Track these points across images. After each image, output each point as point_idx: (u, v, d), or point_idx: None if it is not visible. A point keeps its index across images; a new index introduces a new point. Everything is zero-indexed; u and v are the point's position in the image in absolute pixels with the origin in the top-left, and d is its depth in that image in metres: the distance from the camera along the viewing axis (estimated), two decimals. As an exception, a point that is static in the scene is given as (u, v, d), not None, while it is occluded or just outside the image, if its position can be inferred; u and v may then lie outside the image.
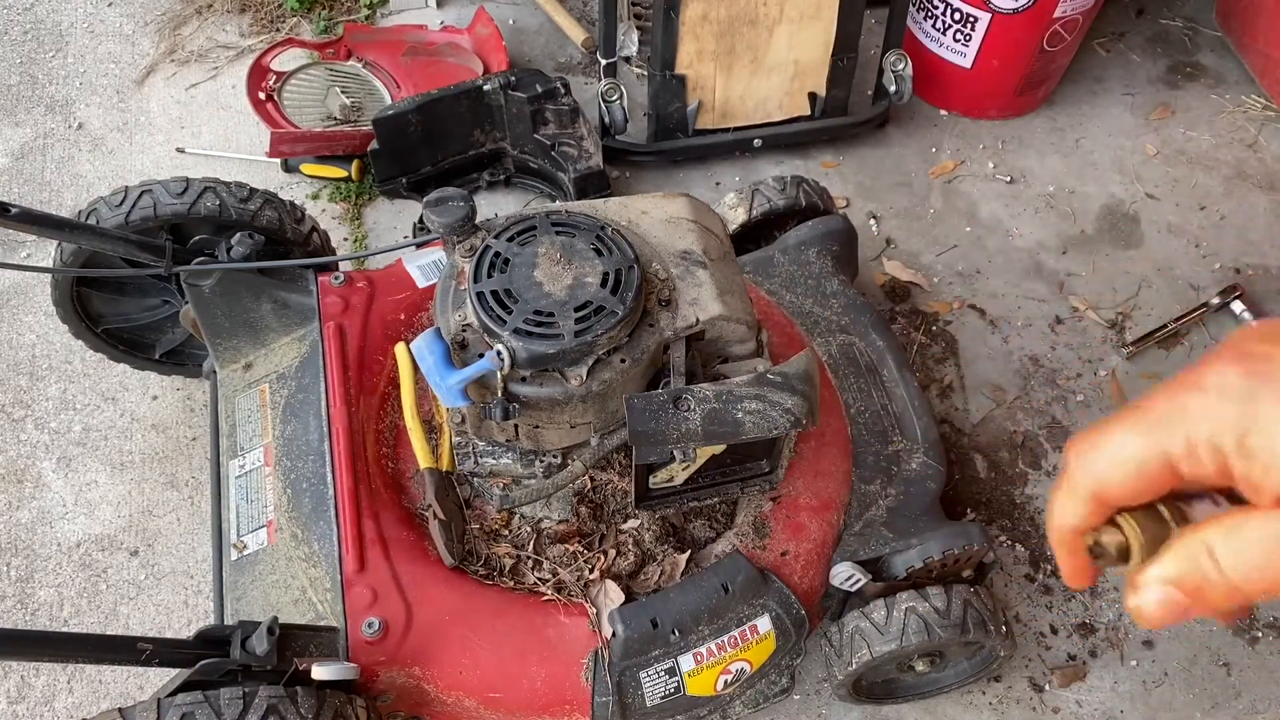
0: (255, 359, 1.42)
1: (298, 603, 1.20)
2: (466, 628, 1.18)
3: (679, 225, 1.22)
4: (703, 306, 1.13)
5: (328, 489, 1.25)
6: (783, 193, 1.71)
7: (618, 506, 1.30)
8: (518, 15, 2.50)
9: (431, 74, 2.24)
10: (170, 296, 1.60)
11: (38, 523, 1.66)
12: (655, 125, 2.12)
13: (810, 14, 2.01)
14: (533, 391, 1.08)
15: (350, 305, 1.41)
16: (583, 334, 1.05)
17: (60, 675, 1.51)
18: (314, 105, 2.18)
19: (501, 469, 1.26)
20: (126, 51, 2.39)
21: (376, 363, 1.38)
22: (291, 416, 1.33)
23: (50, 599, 1.58)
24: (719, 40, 2.01)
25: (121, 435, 1.75)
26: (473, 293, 1.09)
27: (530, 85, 1.94)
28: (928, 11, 2.18)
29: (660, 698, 1.21)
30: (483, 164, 2.10)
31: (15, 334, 1.88)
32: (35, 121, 2.24)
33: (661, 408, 1.04)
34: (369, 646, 1.14)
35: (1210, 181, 2.24)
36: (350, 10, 2.48)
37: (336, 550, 1.20)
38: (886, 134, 2.30)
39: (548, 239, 1.13)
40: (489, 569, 1.24)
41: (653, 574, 1.26)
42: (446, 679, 1.17)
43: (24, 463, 1.72)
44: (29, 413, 1.78)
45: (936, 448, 1.47)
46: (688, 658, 1.21)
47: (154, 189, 1.39)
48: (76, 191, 2.11)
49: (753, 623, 1.24)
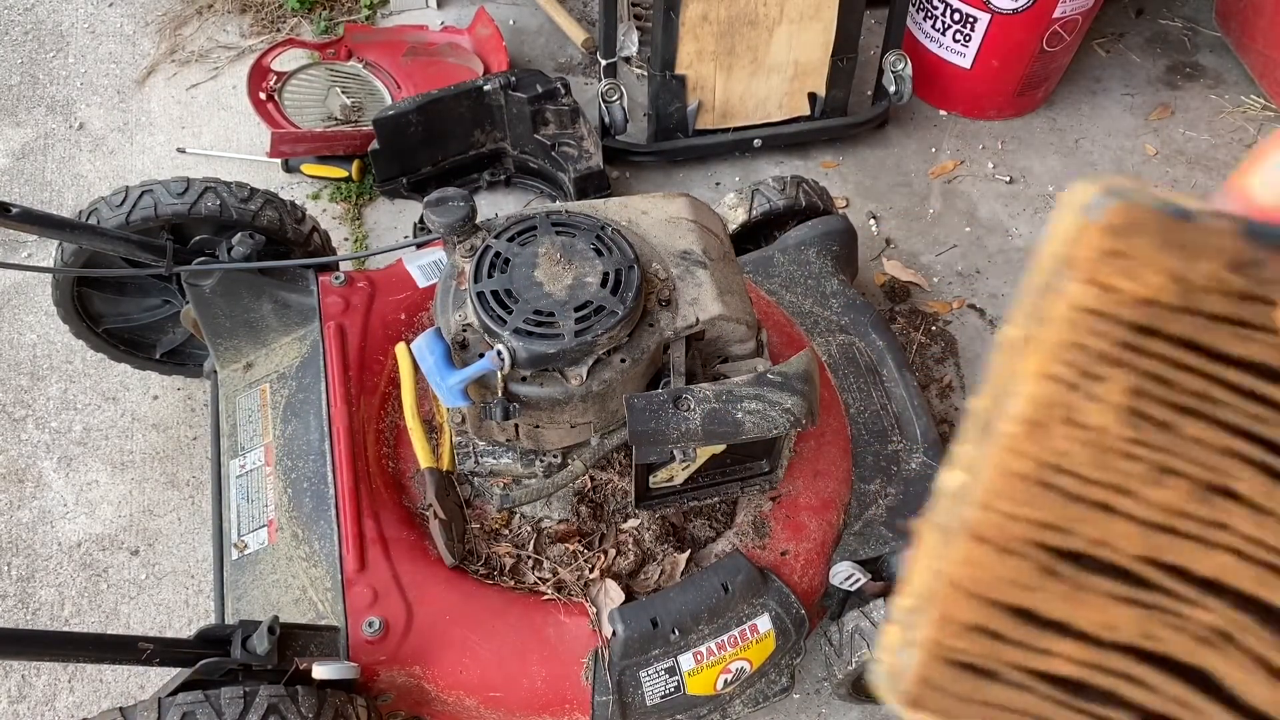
0: (256, 359, 1.42)
1: (298, 602, 1.20)
2: (467, 627, 1.18)
3: (679, 225, 1.22)
4: (703, 306, 1.13)
5: (328, 489, 1.25)
6: (783, 193, 1.72)
7: (618, 506, 1.30)
8: (518, 15, 2.50)
9: (432, 74, 2.24)
10: (171, 296, 1.60)
11: (39, 522, 1.66)
12: (655, 125, 2.12)
13: (810, 14, 2.01)
14: (533, 391, 1.08)
15: (351, 305, 1.41)
16: (583, 334, 1.05)
17: (61, 675, 1.51)
18: (314, 105, 2.18)
19: (502, 469, 1.26)
20: (127, 51, 2.39)
21: (377, 362, 1.39)
22: (292, 416, 1.34)
23: (51, 598, 1.58)
24: (719, 40, 2.01)
25: (122, 435, 1.75)
26: (473, 293, 1.09)
27: (530, 85, 1.94)
28: (927, 12, 2.18)
29: (660, 697, 1.21)
30: (483, 164, 2.10)
31: (16, 334, 1.88)
32: (36, 121, 2.24)
33: (661, 408, 1.05)
34: (369, 646, 1.14)
35: (1210, 182, 2.24)
36: (351, 10, 2.48)
37: (337, 550, 1.20)
38: (886, 134, 2.30)
39: (548, 239, 1.13)
40: (489, 568, 1.24)
41: (653, 573, 1.26)
42: (447, 678, 1.17)
43: (25, 462, 1.72)
44: (30, 412, 1.78)
45: (936, 448, 1.47)
46: (688, 657, 1.21)
47: (155, 189, 1.39)
48: (77, 191, 2.11)
49: (752, 622, 1.24)
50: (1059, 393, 0.25)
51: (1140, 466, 0.24)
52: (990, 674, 0.26)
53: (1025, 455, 0.25)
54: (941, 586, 0.26)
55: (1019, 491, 0.25)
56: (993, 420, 0.26)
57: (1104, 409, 0.24)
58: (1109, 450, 0.24)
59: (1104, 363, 0.24)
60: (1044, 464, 0.25)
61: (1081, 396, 0.24)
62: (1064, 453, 0.24)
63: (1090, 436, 0.24)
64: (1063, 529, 0.25)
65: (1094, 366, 0.25)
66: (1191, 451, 0.24)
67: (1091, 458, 0.24)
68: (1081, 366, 0.25)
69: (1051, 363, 0.25)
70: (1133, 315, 0.25)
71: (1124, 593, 0.25)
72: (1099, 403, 0.24)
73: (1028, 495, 0.25)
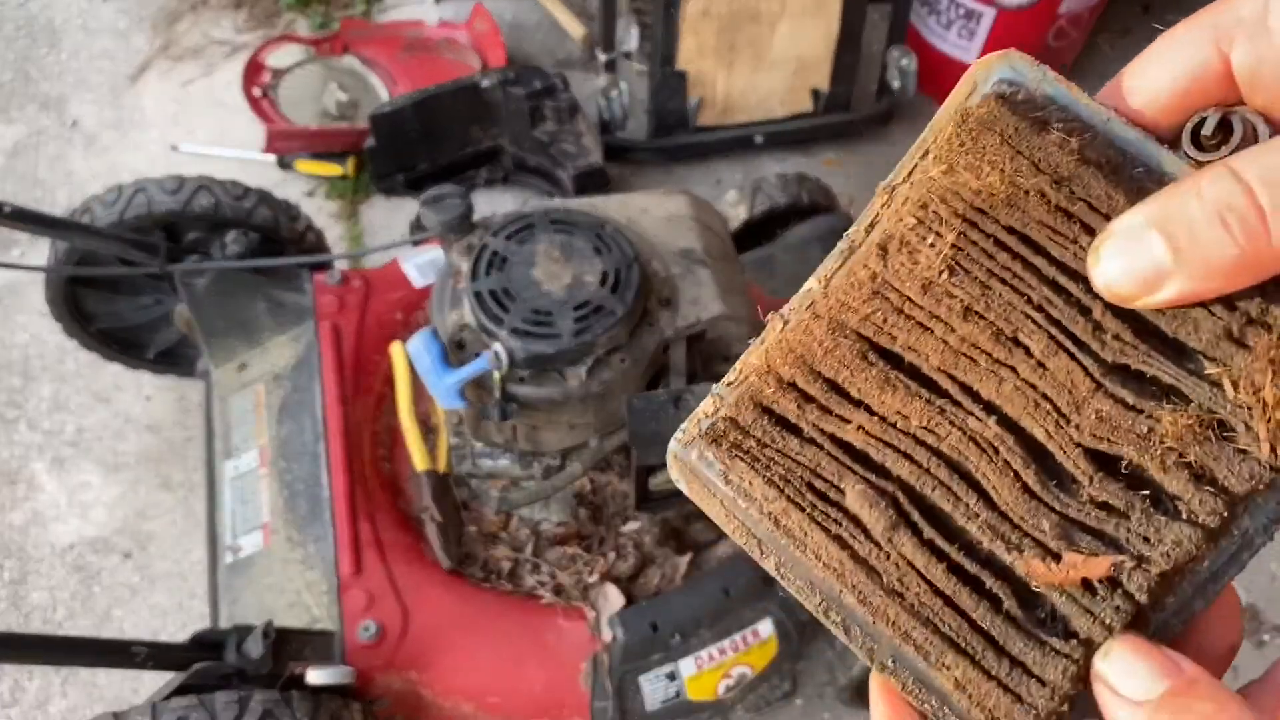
0: (250, 359, 1.41)
1: (293, 606, 1.19)
2: (464, 631, 1.17)
3: (679, 223, 1.20)
4: (704, 306, 1.12)
5: (323, 491, 1.24)
6: (785, 190, 1.70)
7: (618, 509, 1.28)
8: (516, 11, 2.48)
9: (429, 70, 2.22)
10: (164, 296, 1.59)
11: (31, 524, 1.64)
12: (655, 122, 2.10)
13: (813, 9, 1.99)
14: (531, 392, 1.06)
15: (346, 304, 1.40)
16: (582, 333, 1.03)
17: (54, 679, 1.49)
18: (310, 102, 2.16)
19: (499, 471, 1.25)
20: (121, 48, 2.37)
21: (372, 363, 1.37)
22: (287, 417, 1.32)
23: (44, 601, 1.57)
24: (720, 36, 1.99)
25: (115, 436, 1.74)
26: (470, 292, 1.07)
27: (529, 81, 1.92)
28: (931, 7, 2.16)
29: (660, 702, 1.20)
30: (480, 161, 2.08)
31: (8, 334, 1.86)
32: (29, 118, 2.22)
33: (662, 408, 1.03)
34: (365, 650, 1.13)
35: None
36: (347, 6, 2.46)
37: (332, 553, 1.19)
38: (890, 131, 2.28)
39: (546, 237, 1.11)
40: (487, 572, 1.23)
41: (653, 577, 1.25)
42: (443, 683, 1.16)
43: (17, 464, 1.71)
44: (22, 413, 1.76)
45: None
46: (688, 662, 1.20)
47: (148, 187, 1.38)
48: (70, 189, 2.09)
49: (754, 626, 1.23)
50: (904, 231, 0.30)
51: (956, 304, 0.29)
52: (791, 427, 0.31)
53: (869, 268, 0.30)
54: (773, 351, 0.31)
55: (857, 292, 0.31)
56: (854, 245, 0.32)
57: (935, 254, 0.30)
58: (933, 285, 0.29)
59: (942, 224, 0.30)
60: (882, 279, 0.30)
61: (920, 240, 0.30)
62: (899, 275, 0.30)
63: (921, 270, 0.30)
64: (885, 330, 0.30)
65: (934, 224, 0.30)
66: (997, 306, 0.29)
67: (919, 286, 0.30)
68: (924, 221, 0.30)
69: (904, 211, 0.30)
70: (972, 198, 0.29)
71: (920, 392, 0.30)
72: (933, 249, 0.30)
73: (863, 296, 0.30)
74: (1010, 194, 0.29)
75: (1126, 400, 0.28)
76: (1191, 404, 0.27)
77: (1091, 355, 0.28)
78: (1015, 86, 0.30)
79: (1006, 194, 0.29)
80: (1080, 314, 0.28)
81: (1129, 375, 0.28)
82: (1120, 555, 0.27)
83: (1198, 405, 0.27)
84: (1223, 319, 0.27)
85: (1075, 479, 0.28)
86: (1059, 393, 0.28)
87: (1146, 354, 0.28)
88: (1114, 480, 0.28)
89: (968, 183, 0.29)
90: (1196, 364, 0.27)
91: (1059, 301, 0.28)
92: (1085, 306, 0.28)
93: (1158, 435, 0.27)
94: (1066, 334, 0.28)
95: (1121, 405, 0.28)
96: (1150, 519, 0.27)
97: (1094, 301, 0.28)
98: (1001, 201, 0.29)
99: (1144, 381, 0.28)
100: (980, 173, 0.29)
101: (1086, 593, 0.27)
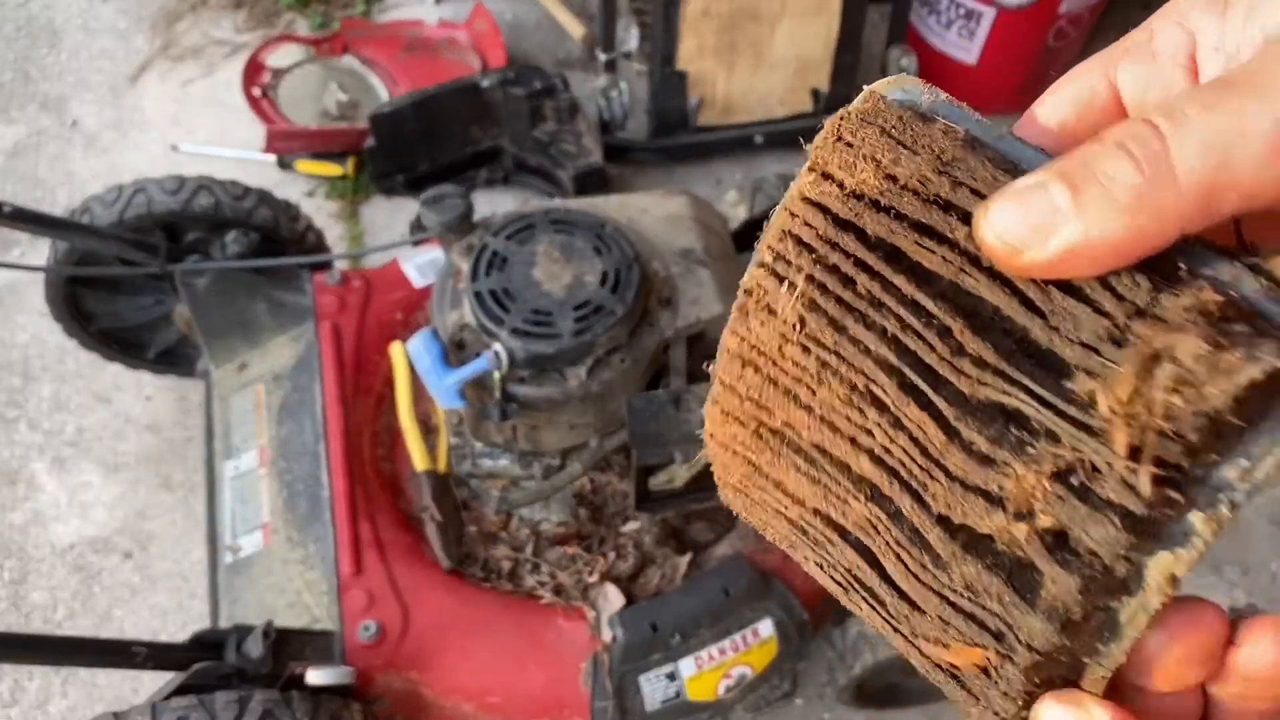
0: (250, 359, 1.41)
1: (293, 606, 1.19)
2: (464, 631, 1.17)
3: (680, 223, 1.20)
4: (704, 306, 1.12)
5: (323, 491, 1.24)
6: (785, 190, 1.70)
7: (618, 509, 1.28)
8: (515, 11, 2.48)
9: (429, 70, 2.22)
10: (164, 296, 1.59)
11: (31, 524, 1.64)
12: (655, 122, 2.10)
13: (813, 9, 1.99)
14: (531, 392, 1.06)
15: (346, 304, 1.40)
16: (582, 333, 1.03)
17: (54, 679, 1.49)
18: (310, 102, 2.16)
19: (499, 471, 1.25)
20: (121, 48, 2.37)
21: (372, 363, 1.37)
22: (287, 417, 1.32)
23: (44, 601, 1.56)
24: (720, 35, 1.99)
25: (115, 436, 1.74)
26: (470, 292, 1.07)
27: (529, 81, 1.92)
28: (931, 7, 2.16)
29: (660, 702, 1.20)
30: (480, 161, 2.08)
31: (8, 334, 1.86)
32: (29, 119, 2.22)
33: (662, 408, 1.03)
34: (365, 650, 1.13)
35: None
36: (346, 5, 2.46)
37: (332, 553, 1.19)
38: (888, 131, 2.28)
39: (546, 237, 1.11)
40: (487, 572, 1.23)
41: (653, 577, 1.25)
42: (443, 683, 1.16)
43: (17, 464, 1.71)
44: (22, 413, 1.76)
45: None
46: (688, 662, 1.20)
47: (148, 187, 1.38)
48: (70, 189, 2.09)
49: (754, 626, 1.22)
50: (763, 277, 0.26)
51: (811, 362, 0.25)
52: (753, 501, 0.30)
53: (737, 335, 0.27)
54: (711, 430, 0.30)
55: (731, 367, 0.27)
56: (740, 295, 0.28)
57: (790, 299, 0.25)
58: (790, 341, 0.25)
59: (801, 254, 0.25)
60: (749, 345, 0.27)
61: (775, 286, 0.26)
62: (759, 335, 0.26)
63: (778, 323, 0.26)
64: (765, 407, 0.27)
65: (791, 256, 0.25)
66: (850, 353, 0.25)
67: (777, 346, 0.26)
68: (781, 255, 0.26)
69: (763, 248, 0.26)
70: (839, 208, 0.25)
71: (808, 471, 0.27)
72: (789, 293, 0.25)
73: (735, 373, 0.27)
74: (883, 191, 0.25)
75: (981, 450, 0.23)
76: (1060, 442, 0.22)
77: (948, 391, 0.24)
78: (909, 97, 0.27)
79: (879, 191, 0.25)
80: (939, 336, 0.24)
81: (988, 414, 0.23)
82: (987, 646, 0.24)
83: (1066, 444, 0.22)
84: (1106, 311, 0.22)
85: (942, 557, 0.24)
86: (912, 455, 0.24)
87: (1010, 381, 0.23)
88: (975, 557, 0.24)
89: (833, 192, 0.26)
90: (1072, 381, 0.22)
91: (917, 325, 0.24)
92: (944, 326, 0.24)
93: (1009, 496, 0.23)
94: (921, 369, 0.24)
95: (976, 459, 0.23)
96: (1006, 606, 0.23)
97: (955, 319, 0.24)
98: (871, 205, 0.25)
99: (1006, 420, 0.23)
100: (854, 170, 0.25)
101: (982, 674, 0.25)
